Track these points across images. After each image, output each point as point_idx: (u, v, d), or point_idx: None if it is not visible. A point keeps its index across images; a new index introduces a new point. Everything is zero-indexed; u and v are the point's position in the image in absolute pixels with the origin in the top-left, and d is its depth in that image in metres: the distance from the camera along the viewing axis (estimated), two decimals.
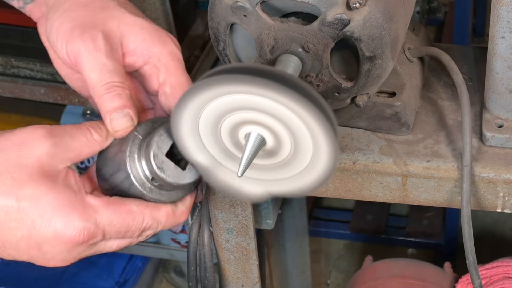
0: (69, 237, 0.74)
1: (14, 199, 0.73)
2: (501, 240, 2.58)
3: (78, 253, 0.77)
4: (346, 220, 2.64)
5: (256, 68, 0.73)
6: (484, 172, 0.97)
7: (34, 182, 0.74)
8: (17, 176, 0.73)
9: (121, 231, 0.78)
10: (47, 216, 0.74)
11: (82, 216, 0.75)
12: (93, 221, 0.76)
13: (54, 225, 0.74)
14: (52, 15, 0.83)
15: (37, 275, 2.41)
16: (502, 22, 0.91)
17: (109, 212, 0.77)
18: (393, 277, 1.44)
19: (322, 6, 0.85)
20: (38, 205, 0.74)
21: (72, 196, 0.75)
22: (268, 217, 1.12)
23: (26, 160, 0.74)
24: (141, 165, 0.79)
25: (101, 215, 0.76)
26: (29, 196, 0.73)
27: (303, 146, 0.76)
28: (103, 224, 0.76)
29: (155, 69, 0.84)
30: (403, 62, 1.03)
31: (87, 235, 0.75)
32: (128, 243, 0.80)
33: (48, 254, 0.76)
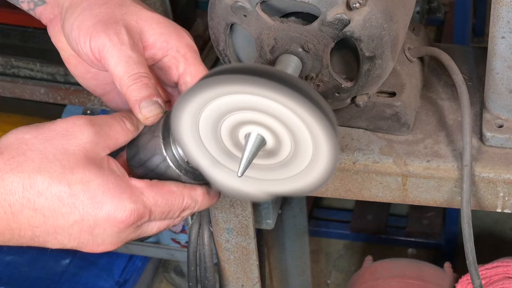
0: (120, 218, 0.77)
1: (66, 184, 0.75)
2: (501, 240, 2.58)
3: (126, 235, 0.79)
4: (346, 220, 2.64)
5: (256, 68, 0.73)
6: (484, 172, 0.97)
7: (82, 168, 0.76)
8: (66, 163, 0.76)
9: (165, 211, 0.80)
10: (99, 199, 0.76)
11: (131, 198, 0.77)
12: (141, 202, 0.78)
13: (105, 208, 0.76)
14: (71, 15, 0.84)
15: (37, 275, 2.41)
16: (502, 22, 0.91)
17: (153, 193, 0.79)
18: (393, 277, 1.44)
19: (322, 6, 0.85)
20: (89, 188, 0.76)
21: (118, 180, 0.78)
22: (268, 217, 1.12)
23: (73, 148, 0.77)
24: (176, 148, 0.82)
25: (147, 196, 0.79)
26: (80, 180, 0.76)
27: (303, 146, 0.76)
28: (150, 205, 0.79)
29: (174, 60, 0.86)
30: (403, 62, 1.03)
31: (137, 216, 0.78)
32: (167, 224, 0.82)
33: (99, 237, 0.78)
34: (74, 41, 0.84)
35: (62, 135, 0.78)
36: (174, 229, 2.32)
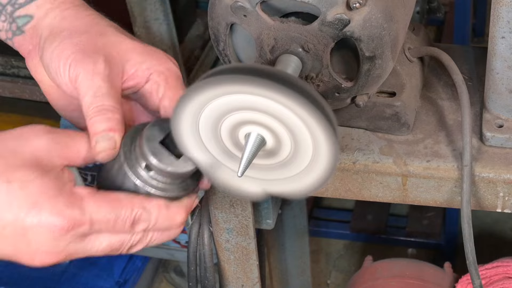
0: (53, 223, 0.74)
1: (5, 181, 0.73)
2: (501, 240, 2.58)
3: (65, 245, 0.75)
4: (346, 220, 2.64)
5: (256, 68, 0.73)
6: (484, 172, 0.97)
7: (26, 168, 0.74)
8: (11, 162, 0.74)
9: (110, 219, 0.77)
10: (34, 200, 0.74)
11: (68, 202, 0.74)
12: (78, 208, 0.75)
13: (39, 210, 0.74)
14: (50, 44, 0.83)
15: (37, 275, 2.41)
16: (502, 22, 0.91)
17: (96, 199, 0.76)
18: (393, 277, 1.44)
19: (322, 6, 0.85)
20: (26, 188, 0.74)
21: (60, 184, 0.75)
22: (268, 217, 1.12)
23: (22, 149, 0.75)
24: (141, 167, 0.79)
25: (88, 202, 0.76)
26: (19, 179, 0.74)
27: (303, 146, 0.76)
28: (90, 212, 0.75)
29: (155, 85, 0.84)
30: (403, 62, 1.03)
31: (73, 222, 0.74)
32: (120, 241, 0.78)
33: (33, 243, 0.74)
34: (54, 71, 0.83)
35: (16, 138, 0.76)
36: None
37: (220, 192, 1.05)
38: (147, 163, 0.79)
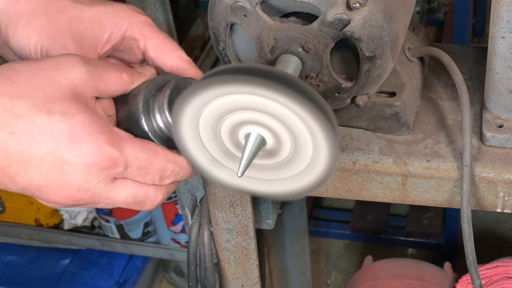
0: (93, 158, 0.74)
1: (46, 112, 0.73)
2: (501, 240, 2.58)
3: (96, 183, 0.75)
4: (346, 220, 2.64)
5: (256, 68, 0.73)
6: (484, 172, 0.97)
7: (66, 101, 0.74)
8: (50, 93, 0.74)
9: (143, 166, 0.77)
10: (75, 133, 0.74)
11: (109, 141, 0.75)
12: (118, 148, 0.75)
13: (81, 144, 0.74)
14: (14, 34, 0.83)
15: (37, 275, 2.42)
16: (502, 22, 0.91)
17: (135, 145, 0.77)
18: (393, 277, 1.44)
19: (322, 6, 0.85)
20: (68, 121, 0.73)
21: (101, 121, 0.76)
22: (268, 217, 1.12)
23: (60, 80, 0.75)
24: (155, 118, 0.81)
25: (127, 145, 0.76)
26: (60, 111, 0.74)
27: (303, 146, 0.76)
28: (127, 154, 0.76)
29: (133, 40, 0.86)
30: (403, 62, 1.03)
31: (111, 161, 0.75)
32: (144, 193, 0.79)
33: (68, 175, 0.74)
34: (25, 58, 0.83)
35: (52, 67, 0.76)
36: (174, 229, 2.32)
37: (220, 192, 1.05)
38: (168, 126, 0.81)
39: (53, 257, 2.47)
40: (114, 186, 0.77)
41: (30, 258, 2.48)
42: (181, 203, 2.19)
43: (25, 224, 2.42)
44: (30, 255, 2.49)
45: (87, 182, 0.75)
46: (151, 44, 0.86)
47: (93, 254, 2.45)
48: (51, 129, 0.73)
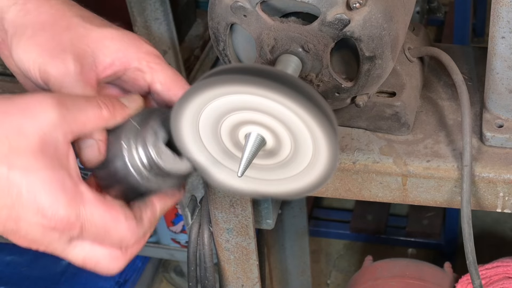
0: (48, 220, 0.72)
1: (6, 167, 0.71)
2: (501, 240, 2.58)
3: (50, 241, 0.74)
4: (346, 220, 2.64)
5: (256, 69, 0.73)
6: (484, 172, 0.97)
7: (30, 154, 0.71)
8: (15, 145, 0.71)
9: (100, 234, 0.75)
10: (35, 191, 0.71)
11: (69, 202, 0.73)
12: (76, 211, 0.73)
13: (38, 203, 0.72)
14: (17, 45, 0.80)
15: (37, 275, 2.42)
16: (502, 22, 0.91)
17: (96, 210, 0.75)
18: (393, 277, 1.44)
19: (322, 6, 0.85)
20: (28, 178, 0.71)
21: (67, 179, 0.73)
22: (268, 217, 1.12)
23: (27, 128, 0.71)
24: (137, 152, 0.78)
25: (87, 209, 0.74)
26: (22, 166, 0.71)
27: (303, 146, 0.76)
28: (85, 219, 0.74)
29: (139, 72, 0.83)
30: (403, 62, 1.03)
31: (66, 224, 0.73)
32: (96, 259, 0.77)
33: (22, 231, 0.73)
34: (25, 71, 0.81)
35: (21, 111, 0.72)
36: (174, 229, 2.32)
37: (220, 192, 1.05)
38: (150, 162, 0.79)
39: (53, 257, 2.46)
40: (69, 245, 0.76)
41: (30, 258, 2.48)
42: (181, 203, 2.19)
43: None
44: (30, 255, 2.48)
45: (41, 237, 0.74)
46: (159, 78, 0.83)
47: None
48: (9, 184, 0.71)
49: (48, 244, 0.75)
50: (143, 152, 0.79)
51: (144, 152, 0.79)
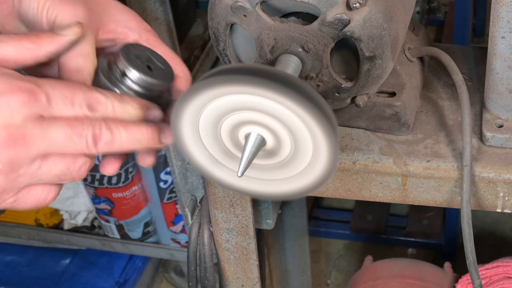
0: (8, 91, 0.68)
1: None
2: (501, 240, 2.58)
3: (23, 118, 0.69)
4: (346, 220, 2.64)
5: (256, 69, 0.73)
6: (484, 172, 0.97)
7: None
8: None
9: (67, 96, 0.72)
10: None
11: (22, 77, 0.70)
12: (34, 83, 0.70)
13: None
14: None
15: (37, 275, 2.42)
16: (502, 22, 0.91)
17: (52, 80, 0.72)
18: (393, 277, 1.44)
19: (322, 6, 0.85)
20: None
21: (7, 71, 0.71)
22: (268, 217, 1.12)
23: None
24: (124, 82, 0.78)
25: (43, 80, 0.71)
26: None
27: (303, 146, 0.76)
28: (46, 87, 0.71)
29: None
30: (403, 62, 1.03)
31: (29, 93, 0.69)
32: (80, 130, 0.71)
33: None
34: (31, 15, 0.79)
35: None
36: (174, 229, 2.32)
37: (220, 192, 1.05)
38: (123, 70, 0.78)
39: (53, 257, 2.47)
40: (45, 125, 0.70)
41: (30, 258, 2.48)
42: (181, 203, 2.19)
43: (25, 224, 2.42)
44: (30, 255, 2.49)
45: (11, 117, 0.69)
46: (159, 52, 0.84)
47: (93, 254, 2.45)
48: None
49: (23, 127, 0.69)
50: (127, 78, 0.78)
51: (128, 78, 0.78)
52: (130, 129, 0.75)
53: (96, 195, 2.27)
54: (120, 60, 0.78)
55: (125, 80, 0.78)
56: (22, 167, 0.70)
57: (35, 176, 0.72)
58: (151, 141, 0.78)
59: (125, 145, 0.75)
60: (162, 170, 2.18)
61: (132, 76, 0.78)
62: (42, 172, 0.72)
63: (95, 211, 2.36)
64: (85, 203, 2.36)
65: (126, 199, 2.28)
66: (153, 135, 0.77)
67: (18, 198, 0.73)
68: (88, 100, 0.73)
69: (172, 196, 2.24)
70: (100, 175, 2.21)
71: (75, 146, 0.72)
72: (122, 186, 2.24)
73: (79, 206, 2.37)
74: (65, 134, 0.71)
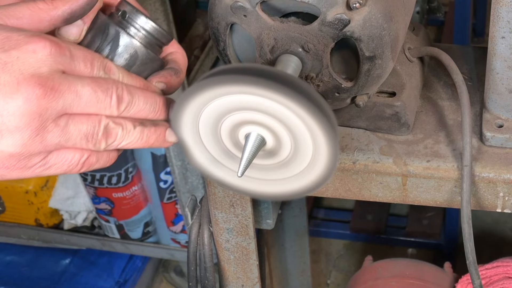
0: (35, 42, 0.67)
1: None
2: (501, 240, 2.58)
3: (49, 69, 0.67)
4: (346, 220, 2.65)
5: (256, 69, 0.73)
6: (484, 172, 0.97)
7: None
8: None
9: (87, 56, 0.71)
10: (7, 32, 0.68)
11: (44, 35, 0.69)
12: (56, 39, 0.69)
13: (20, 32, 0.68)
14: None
15: (37, 275, 2.42)
16: (502, 22, 0.91)
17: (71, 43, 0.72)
18: (393, 277, 1.44)
19: (322, 6, 0.85)
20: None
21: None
22: (268, 217, 1.12)
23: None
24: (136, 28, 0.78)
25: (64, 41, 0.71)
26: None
27: (303, 146, 0.76)
28: (67, 42, 0.70)
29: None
30: (403, 62, 1.03)
31: (55, 45, 0.68)
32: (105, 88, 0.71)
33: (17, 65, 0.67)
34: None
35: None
36: (174, 229, 2.32)
37: (220, 192, 1.05)
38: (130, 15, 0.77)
39: (53, 257, 2.47)
40: (69, 77, 0.69)
41: (30, 258, 2.48)
42: (181, 203, 2.19)
43: (25, 224, 2.42)
44: (30, 255, 2.49)
45: (39, 68, 0.67)
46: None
47: (93, 254, 2.45)
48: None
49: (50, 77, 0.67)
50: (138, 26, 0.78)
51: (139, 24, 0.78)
52: (147, 95, 0.75)
53: (96, 195, 2.28)
54: (124, 5, 0.78)
55: (133, 23, 0.78)
56: (49, 122, 0.68)
57: (63, 135, 0.70)
58: (163, 111, 0.77)
59: (141, 111, 0.75)
60: (162, 170, 2.18)
61: (140, 21, 0.78)
62: (70, 130, 0.70)
63: (95, 211, 2.36)
64: (85, 203, 2.36)
65: (126, 199, 2.28)
66: (165, 104, 0.77)
67: (47, 162, 0.71)
68: (104, 65, 0.73)
69: (172, 196, 2.24)
70: (100, 175, 2.21)
71: (99, 105, 0.71)
72: (122, 186, 2.24)
73: (79, 206, 2.38)
74: (91, 89, 0.70)
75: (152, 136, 0.77)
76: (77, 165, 0.73)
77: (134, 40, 0.78)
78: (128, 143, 0.75)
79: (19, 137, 0.67)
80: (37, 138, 0.68)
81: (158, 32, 0.79)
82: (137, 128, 0.75)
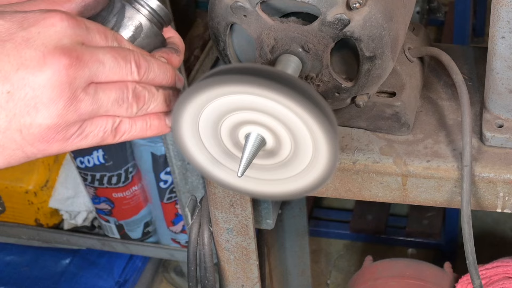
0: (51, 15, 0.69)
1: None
2: (501, 240, 2.58)
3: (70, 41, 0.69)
4: (346, 220, 2.65)
5: (256, 69, 0.73)
6: (484, 172, 0.97)
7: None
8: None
9: (100, 28, 0.73)
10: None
11: (57, 10, 0.71)
12: (69, 13, 0.71)
13: (36, 10, 0.70)
14: None
15: (37, 275, 2.42)
16: (502, 22, 0.91)
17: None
18: (393, 277, 1.44)
19: (322, 6, 0.85)
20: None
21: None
22: (268, 217, 1.12)
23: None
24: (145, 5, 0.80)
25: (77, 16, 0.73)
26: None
27: (303, 146, 0.76)
28: (82, 18, 0.72)
29: None
30: (403, 62, 1.03)
31: (71, 18, 0.70)
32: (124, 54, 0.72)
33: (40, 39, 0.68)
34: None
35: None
36: (174, 229, 2.32)
37: (220, 192, 1.05)
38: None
39: (53, 257, 2.47)
40: (89, 47, 0.71)
41: (30, 258, 2.48)
42: (181, 203, 2.19)
43: (25, 224, 2.42)
44: (30, 255, 2.49)
45: (60, 40, 0.69)
46: None
47: (93, 254, 2.45)
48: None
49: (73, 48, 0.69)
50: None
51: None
52: (159, 62, 0.77)
53: (96, 195, 2.28)
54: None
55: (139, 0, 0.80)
56: (79, 91, 0.69)
57: (95, 102, 0.71)
58: (174, 78, 0.78)
59: (157, 77, 0.76)
60: (162, 170, 2.18)
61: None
62: (100, 97, 0.71)
63: (95, 211, 2.36)
64: (85, 203, 2.36)
65: (126, 199, 2.28)
66: (175, 72, 0.79)
67: (83, 131, 0.71)
68: (115, 36, 0.75)
69: (172, 196, 2.24)
70: (100, 175, 2.21)
71: (122, 71, 0.72)
72: (122, 186, 2.24)
73: (79, 206, 2.38)
74: (112, 57, 0.72)
75: (173, 98, 0.78)
76: (112, 132, 0.74)
77: (139, 13, 0.80)
78: (155, 106, 0.76)
79: (54, 108, 0.68)
80: (71, 107, 0.69)
81: (162, 9, 0.81)
82: (160, 90, 0.77)
